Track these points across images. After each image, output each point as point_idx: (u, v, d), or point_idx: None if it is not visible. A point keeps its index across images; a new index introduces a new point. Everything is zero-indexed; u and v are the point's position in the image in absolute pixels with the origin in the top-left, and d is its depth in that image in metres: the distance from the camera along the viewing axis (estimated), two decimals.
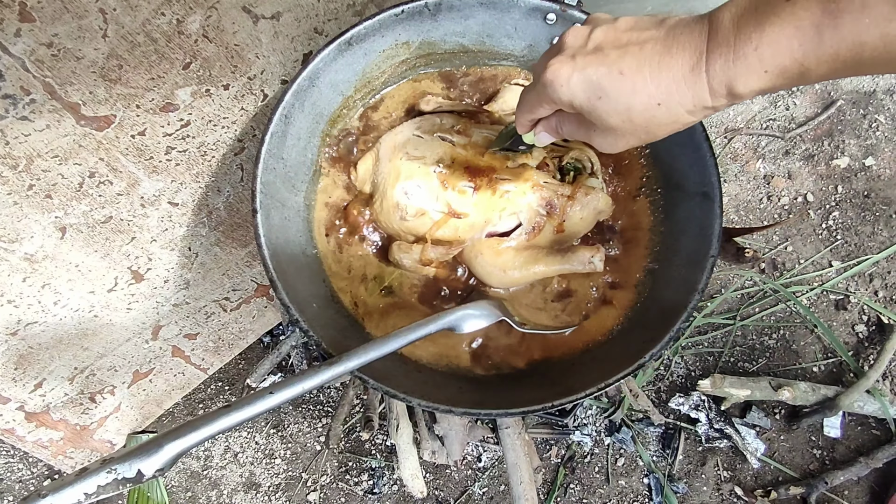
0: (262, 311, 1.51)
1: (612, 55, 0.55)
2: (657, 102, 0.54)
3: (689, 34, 0.52)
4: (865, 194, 1.92)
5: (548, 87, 0.60)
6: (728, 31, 0.49)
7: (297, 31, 1.01)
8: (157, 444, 0.62)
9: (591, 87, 0.56)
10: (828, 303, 1.82)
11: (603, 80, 0.55)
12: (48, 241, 1.00)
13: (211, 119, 1.03)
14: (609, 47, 0.56)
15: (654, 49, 0.53)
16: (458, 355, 0.94)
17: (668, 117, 0.55)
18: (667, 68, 0.52)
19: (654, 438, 1.72)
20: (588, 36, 0.58)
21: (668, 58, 0.52)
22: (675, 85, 0.53)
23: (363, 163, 0.97)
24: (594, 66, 0.56)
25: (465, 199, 0.90)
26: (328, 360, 0.72)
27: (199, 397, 1.73)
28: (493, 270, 0.93)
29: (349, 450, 1.70)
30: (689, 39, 0.52)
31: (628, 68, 0.54)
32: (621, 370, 0.82)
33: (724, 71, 0.50)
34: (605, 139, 0.62)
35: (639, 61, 0.53)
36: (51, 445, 1.34)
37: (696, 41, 0.51)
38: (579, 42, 0.59)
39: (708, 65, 0.51)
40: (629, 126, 0.58)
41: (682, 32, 0.53)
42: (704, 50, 0.51)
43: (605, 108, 0.57)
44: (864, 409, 1.64)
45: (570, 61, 0.57)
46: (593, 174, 0.96)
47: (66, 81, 0.84)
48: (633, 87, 0.54)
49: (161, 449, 0.62)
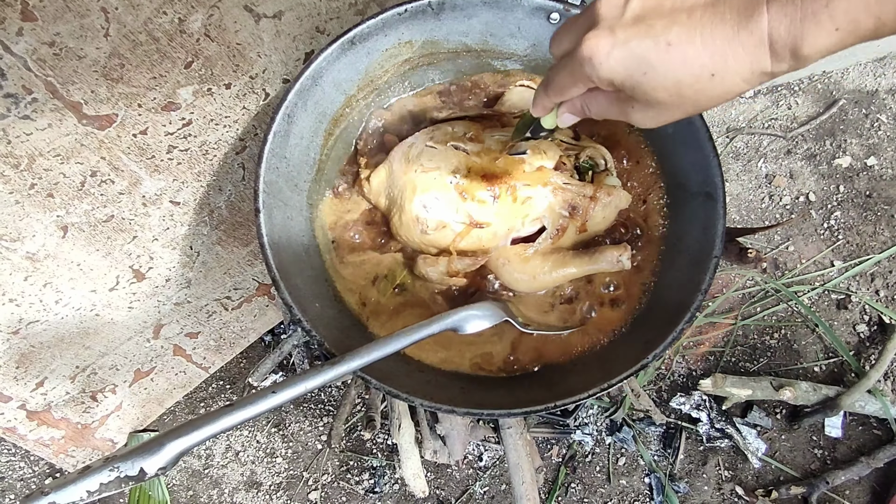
0: (264, 309, 1.51)
1: (657, 25, 0.50)
2: (710, 73, 0.50)
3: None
4: (867, 194, 1.91)
5: (585, 65, 0.54)
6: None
7: (299, 30, 1.01)
8: (160, 442, 0.62)
9: (636, 61, 0.51)
10: (829, 302, 1.82)
11: (649, 53, 0.51)
12: (50, 239, 1.00)
13: (213, 118, 1.03)
14: (652, 16, 0.51)
15: (705, 15, 0.49)
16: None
17: (722, 87, 0.51)
18: (721, 35, 0.48)
19: (656, 438, 1.72)
20: (625, 5, 0.53)
21: (721, 23, 0.48)
22: (731, 52, 0.48)
23: (376, 176, 0.96)
24: (638, 39, 0.51)
25: (485, 208, 0.89)
26: (331, 360, 0.72)
27: (200, 396, 1.73)
28: (522, 277, 0.92)
29: (350, 449, 1.70)
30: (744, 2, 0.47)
31: (677, 38, 0.49)
32: (624, 370, 0.82)
33: (790, 31, 0.46)
34: (645, 114, 0.57)
35: (688, 30, 0.49)
36: (52, 444, 1.34)
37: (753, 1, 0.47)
38: (615, 12, 0.53)
39: (770, 26, 0.46)
40: (676, 100, 0.53)
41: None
42: (765, 10, 0.46)
43: (652, 84, 0.52)
44: (866, 408, 1.64)
45: (609, 34, 0.52)
46: (608, 171, 0.96)
47: (68, 80, 0.84)
48: (683, 58, 0.50)
49: (163, 447, 0.62)
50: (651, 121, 0.58)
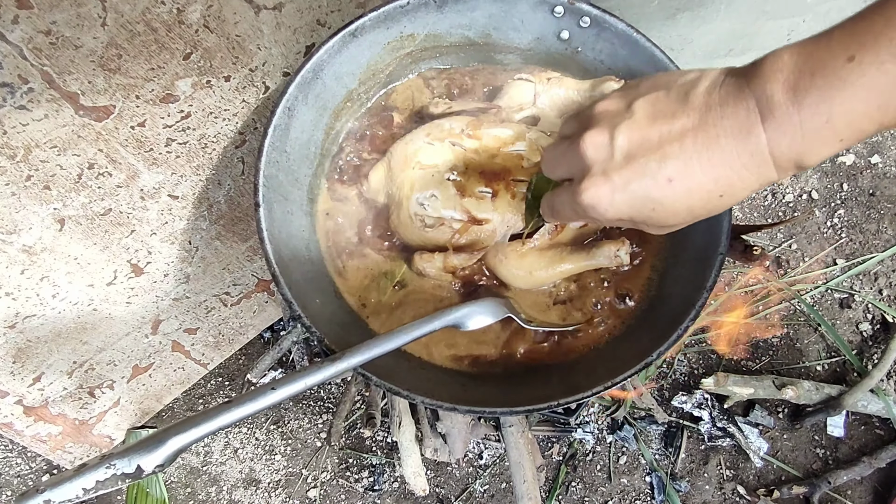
0: (263, 306, 1.50)
1: (651, 164, 0.50)
2: (718, 195, 0.50)
3: (732, 116, 0.47)
4: (871, 192, 1.90)
5: (588, 212, 0.55)
6: (786, 106, 0.45)
7: (300, 22, 1.00)
8: (157, 439, 0.61)
9: (640, 202, 0.52)
10: (832, 301, 1.81)
11: (652, 192, 0.51)
12: (46, 232, 0.99)
13: (212, 111, 1.02)
14: (642, 153, 0.51)
15: (696, 142, 0.49)
16: None
17: (732, 201, 0.51)
18: (720, 162, 0.48)
19: (657, 437, 1.71)
20: (611, 144, 0.53)
21: (717, 150, 0.48)
22: (735, 175, 0.48)
23: (375, 173, 0.95)
24: (637, 181, 0.51)
25: (483, 205, 0.89)
26: (331, 357, 0.71)
27: (199, 392, 1.72)
28: (519, 273, 0.91)
29: (350, 446, 1.69)
30: (736, 122, 0.47)
31: (676, 172, 0.49)
32: (628, 368, 0.82)
33: (792, 149, 0.46)
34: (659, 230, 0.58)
35: (685, 161, 0.49)
36: (49, 440, 1.33)
37: (746, 123, 0.47)
38: (603, 154, 0.53)
39: (771, 147, 0.46)
40: (690, 219, 0.54)
41: (722, 116, 0.48)
42: (762, 132, 0.46)
43: (661, 216, 0.53)
44: (868, 408, 1.63)
45: (606, 181, 0.53)
46: None
47: (65, 70, 0.82)
48: (687, 189, 0.50)
49: (161, 445, 0.61)
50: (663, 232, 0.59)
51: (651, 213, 0.53)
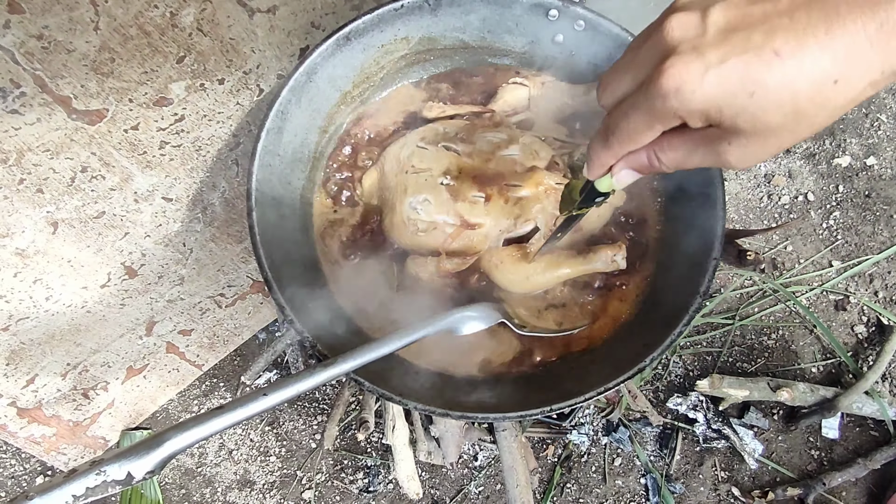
0: (258, 307, 1.50)
1: (754, 36, 0.43)
2: (833, 80, 0.42)
3: None
4: (867, 194, 1.90)
5: (670, 98, 0.46)
6: None
7: (294, 25, 1.00)
8: (148, 446, 0.61)
9: (739, 81, 0.43)
10: (827, 303, 1.81)
11: (754, 70, 0.43)
12: (40, 235, 0.99)
13: (205, 114, 1.01)
14: (744, 27, 0.44)
15: (812, 13, 0.42)
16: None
17: (846, 95, 0.43)
18: (841, 33, 0.41)
19: (652, 438, 1.71)
20: (703, 21, 0.45)
21: (837, 20, 0.41)
22: (857, 52, 0.41)
23: (368, 177, 0.95)
24: (736, 56, 0.43)
25: (477, 210, 0.88)
26: (324, 362, 0.70)
27: (193, 394, 1.72)
28: (516, 279, 0.91)
29: (344, 448, 1.69)
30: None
31: (785, 46, 0.42)
32: (622, 374, 0.81)
33: None
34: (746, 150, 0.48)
35: (797, 34, 0.42)
36: (43, 441, 1.33)
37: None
38: (694, 31, 0.45)
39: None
40: (792, 120, 0.45)
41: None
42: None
43: (762, 104, 0.44)
44: (863, 410, 1.64)
45: (698, 57, 0.44)
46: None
47: (57, 74, 0.82)
48: (798, 67, 0.42)
49: (152, 451, 0.61)
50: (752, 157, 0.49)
51: (748, 102, 0.44)
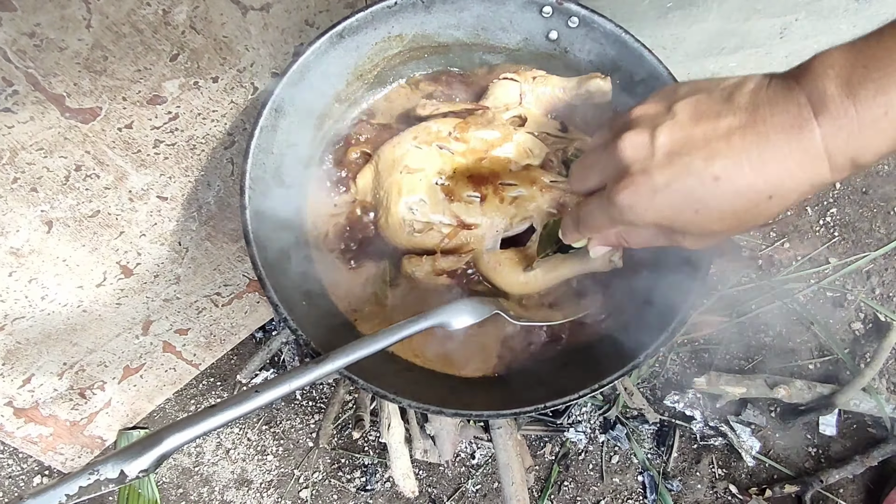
0: (255, 306, 1.50)
1: (696, 161, 0.48)
2: (768, 196, 0.47)
3: (783, 113, 0.46)
4: (864, 191, 1.90)
5: (625, 213, 0.52)
6: (840, 100, 0.43)
7: (288, 22, 1.00)
8: (142, 445, 0.61)
9: (684, 201, 0.49)
10: (824, 300, 1.81)
11: (696, 192, 0.48)
12: (34, 235, 0.99)
13: (200, 112, 1.01)
14: (687, 151, 0.49)
15: (746, 140, 0.47)
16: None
17: (781, 206, 0.49)
18: (772, 158, 0.46)
19: (649, 436, 1.71)
20: (651, 144, 0.50)
21: (768, 147, 0.46)
22: (787, 173, 0.46)
23: (362, 177, 0.95)
24: (680, 179, 0.49)
25: (472, 209, 0.88)
26: (317, 359, 0.71)
27: (190, 393, 1.72)
28: (515, 281, 0.91)
29: (342, 446, 1.69)
30: (787, 119, 0.45)
31: (723, 170, 0.47)
32: (616, 371, 0.81)
33: (849, 144, 0.44)
34: (697, 242, 0.55)
35: (733, 159, 0.47)
36: (40, 441, 1.33)
37: (798, 119, 0.45)
38: (644, 153, 0.51)
39: (826, 142, 0.44)
40: (734, 226, 0.51)
41: (773, 114, 0.46)
42: (816, 127, 0.44)
43: (705, 218, 0.50)
44: (860, 407, 1.63)
45: (646, 180, 0.50)
46: None
47: (50, 72, 0.82)
48: (735, 189, 0.47)
49: (145, 450, 0.61)
50: (705, 244, 0.56)
51: (693, 217, 0.50)
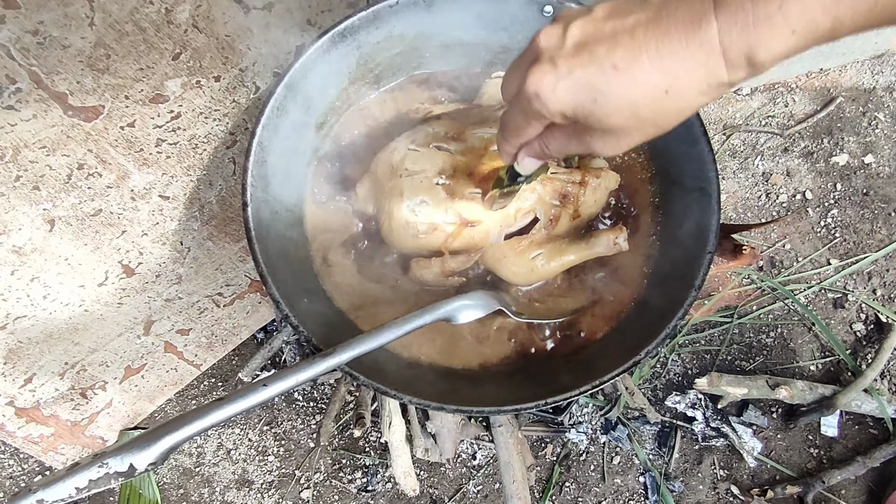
0: (256, 306, 1.50)
1: (599, 50, 0.49)
2: (664, 90, 0.48)
3: (686, 8, 0.46)
4: (864, 192, 1.90)
5: (533, 101, 0.53)
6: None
7: (290, 22, 1.00)
8: (150, 437, 0.62)
9: (584, 89, 0.50)
10: (826, 301, 1.81)
11: (596, 80, 0.49)
12: (36, 233, 0.99)
13: (202, 111, 1.02)
14: (593, 42, 0.50)
15: (648, 32, 0.47)
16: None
17: (678, 104, 0.49)
18: (669, 50, 0.47)
19: (651, 437, 1.71)
20: (563, 34, 0.52)
21: (666, 38, 0.47)
22: (682, 66, 0.47)
23: (361, 186, 0.95)
24: (582, 67, 0.50)
25: (474, 207, 0.88)
26: (323, 352, 0.71)
27: (191, 394, 1.72)
28: (521, 271, 0.91)
29: (343, 447, 1.69)
30: (689, 12, 0.46)
31: (622, 60, 0.48)
32: (617, 367, 0.82)
33: (743, 38, 0.44)
34: (605, 143, 0.55)
35: (633, 50, 0.47)
36: (41, 441, 1.33)
37: (698, 12, 0.45)
38: (555, 42, 0.52)
39: (721, 35, 0.45)
40: (634, 122, 0.51)
41: (677, 8, 0.46)
42: (713, 19, 0.45)
43: (605, 110, 0.50)
44: (862, 408, 1.63)
45: (552, 67, 0.51)
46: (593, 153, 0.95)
47: (53, 70, 0.82)
48: (632, 79, 0.48)
49: (154, 443, 0.61)
50: (612, 148, 0.56)
51: (593, 106, 0.50)
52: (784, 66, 1.95)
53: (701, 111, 0.83)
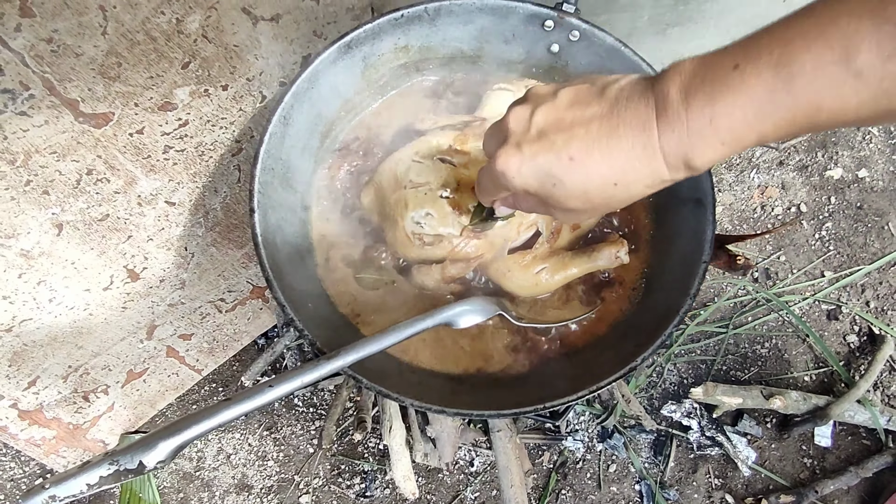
0: (258, 312, 1.52)
1: (558, 141, 0.54)
2: (613, 183, 0.53)
3: (634, 110, 0.50)
4: (858, 205, 1.93)
5: (500, 178, 0.59)
6: (678, 105, 0.48)
7: (297, 33, 1.02)
8: (159, 436, 0.63)
9: (543, 175, 0.55)
10: (820, 313, 1.84)
11: (554, 169, 0.54)
12: (45, 237, 1.01)
13: (209, 119, 1.03)
14: (553, 132, 0.55)
15: (601, 129, 0.52)
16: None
17: (626, 194, 0.54)
18: (617, 149, 0.51)
19: (646, 445, 1.73)
20: (530, 119, 0.57)
21: (616, 138, 0.51)
22: (629, 164, 0.51)
23: (366, 196, 0.97)
24: (542, 155, 0.55)
25: None
26: (328, 354, 0.72)
27: (192, 398, 1.73)
28: (527, 284, 0.94)
29: (342, 453, 1.70)
30: (636, 116, 0.50)
31: (577, 153, 0.53)
32: (613, 373, 0.83)
33: (679, 146, 0.49)
34: (566, 216, 0.61)
35: (587, 144, 0.52)
36: (43, 444, 1.34)
37: (644, 117, 0.50)
38: (522, 126, 0.57)
39: (661, 142, 0.49)
40: (588, 206, 0.57)
41: (626, 108, 0.51)
42: (655, 126, 0.49)
43: (562, 194, 0.56)
44: (855, 418, 1.65)
45: (517, 151, 0.56)
46: None
47: (66, 78, 0.84)
48: (585, 171, 0.53)
49: (163, 441, 0.62)
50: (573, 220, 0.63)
51: (552, 190, 0.56)
52: None
53: None
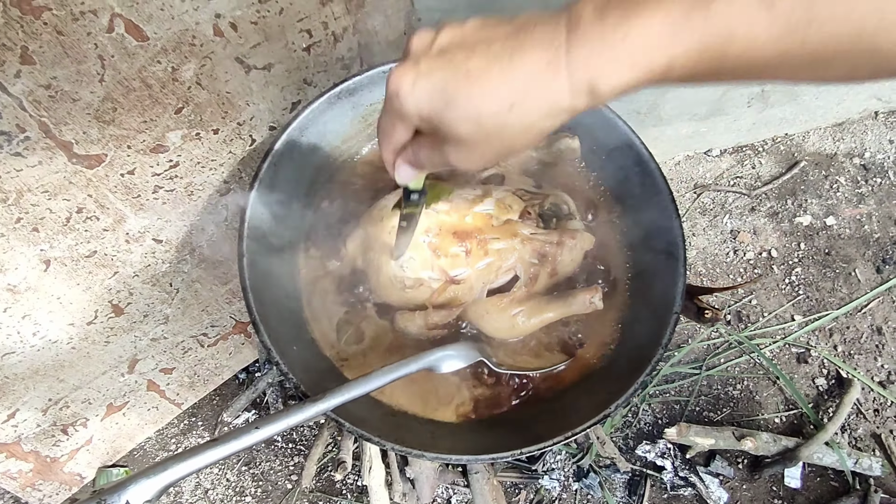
0: (239, 347, 1.53)
1: (458, 56, 0.50)
2: (509, 104, 0.49)
3: (544, 28, 0.48)
4: (826, 252, 1.99)
5: (394, 100, 0.53)
6: (591, 21, 0.45)
7: (287, 81, 1.05)
8: (146, 475, 0.63)
9: (437, 92, 0.51)
10: (790, 356, 1.88)
11: (449, 84, 0.50)
12: (32, 272, 1.02)
13: (199, 161, 1.06)
14: (456, 48, 0.51)
15: (505, 45, 0.49)
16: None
17: (522, 122, 0.50)
18: (520, 65, 0.48)
19: (621, 485, 1.75)
20: (433, 39, 0.54)
21: (520, 53, 0.48)
22: (529, 83, 0.48)
23: (352, 241, 1.00)
24: (439, 71, 0.51)
25: (458, 264, 0.93)
26: (314, 397, 0.74)
27: (171, 432, 1.72)
28: (503, 326, 0.96)
29: (320, 489, 1.70)
30: (545, 33, 0.47)
31: (476, 68, 0.49)
32: (588, 420, 0.86)
33: (588, 64, 0.46)
34: (458, 153, 0.55)
35: (487, 59, 0.49)
36: (20, 477, 1.33)
37: (553, 34, 0.47)
38: (423, 45, 0.54)
39: (569, 58, 0.46)
40: (481, 135, 0.52)
41: (536, 26, 0.48)
42: (564, 42, 0.46)
43: (454, 116, 0.51)
44: (823, 460, 1.68)
45: (414, 67, 0.52)
46: (571, 215, 1.01)
47: (61, 121, 0.86)
48: (481, 88, 0.49)
49: (150, 480, 0.63)
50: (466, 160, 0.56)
51: (445, 110, 0.51)
52: (751, 130, 2.06)
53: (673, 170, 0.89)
